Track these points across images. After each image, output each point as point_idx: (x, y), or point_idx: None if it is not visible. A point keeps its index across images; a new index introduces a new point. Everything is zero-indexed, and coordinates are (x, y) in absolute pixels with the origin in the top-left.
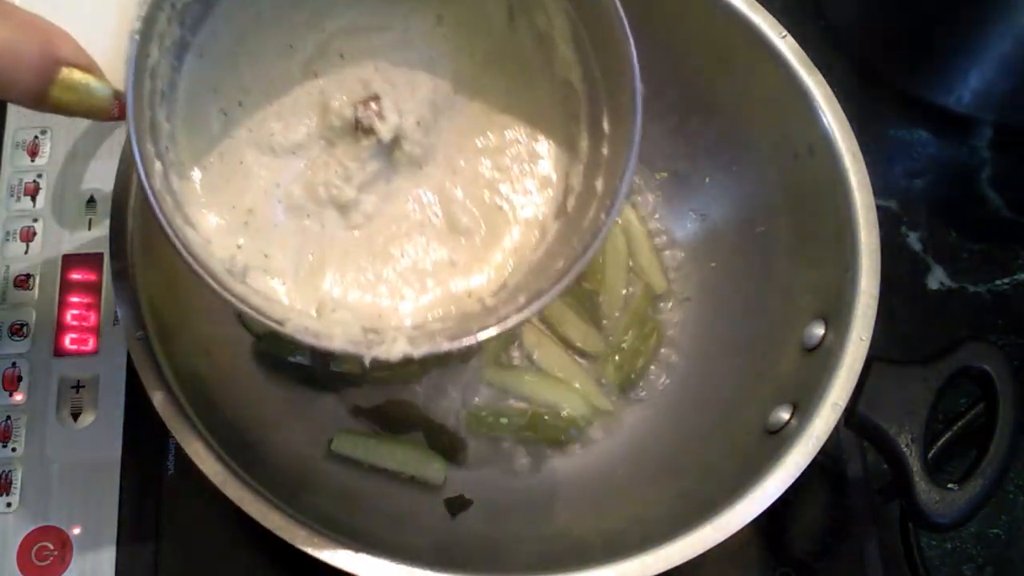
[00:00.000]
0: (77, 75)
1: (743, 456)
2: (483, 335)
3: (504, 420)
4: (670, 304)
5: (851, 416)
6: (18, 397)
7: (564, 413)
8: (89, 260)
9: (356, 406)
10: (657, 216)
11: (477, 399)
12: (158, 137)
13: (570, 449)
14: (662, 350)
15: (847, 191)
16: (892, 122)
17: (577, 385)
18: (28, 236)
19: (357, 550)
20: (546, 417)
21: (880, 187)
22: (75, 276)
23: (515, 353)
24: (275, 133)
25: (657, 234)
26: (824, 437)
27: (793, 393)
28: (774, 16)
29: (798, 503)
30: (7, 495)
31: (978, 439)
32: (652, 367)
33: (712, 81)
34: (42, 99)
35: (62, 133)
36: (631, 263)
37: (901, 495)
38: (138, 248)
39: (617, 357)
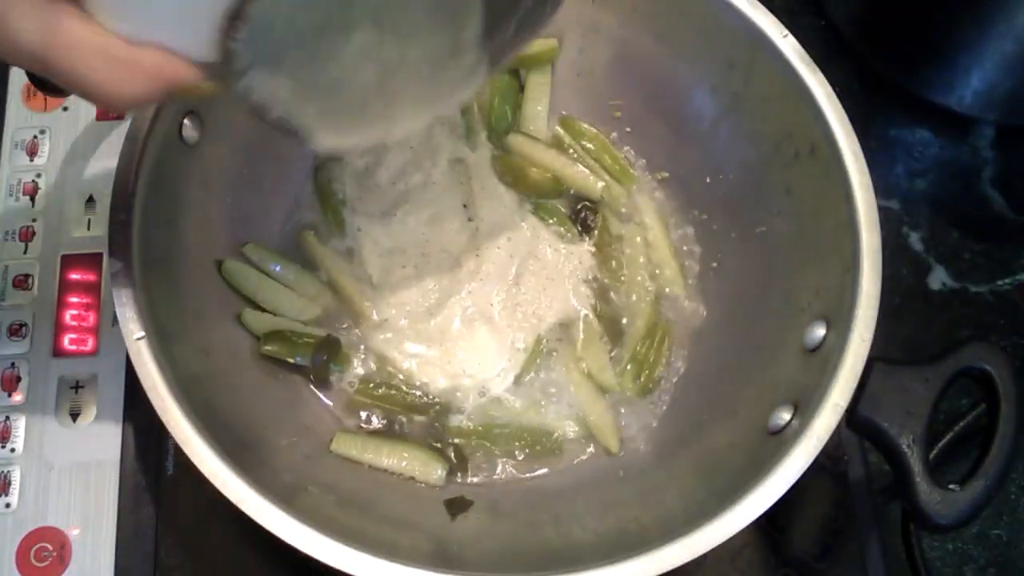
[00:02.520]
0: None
1: (744, 457)
2: None
3: (486, 443)
4: (672, 304)
5: (852, 417)
6: (17, 397)
7: (555, 436)
8: (88, 260)
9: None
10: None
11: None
12: None
13: (570, 452)
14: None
15: (848, 191)
16: (894, 122)
17: (593, 419)
18: (27, 236)
19: (357, 550)
20: (529, 438)
21: (882, 187)
22: (74, 276)
23: (535, 378)
24: None
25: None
26: (825, 438)
27: (794, 394)
28: (775, 16)
29: (799, 504)
30: (6, 495)
31: (980, 440)
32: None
33: (713, 80)
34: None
35: (61, 133)
36: (656, 271)
37: (902, 496)
38: (138, 248)
39: (630, 367)
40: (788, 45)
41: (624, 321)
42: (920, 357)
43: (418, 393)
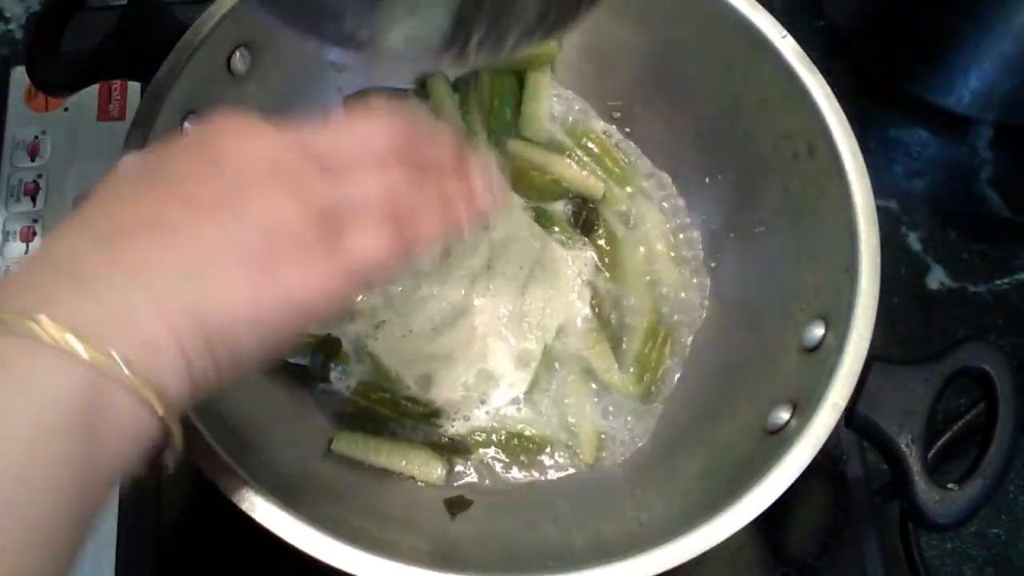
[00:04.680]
0: None
1: (743, 456)
2: None
3: (486, 449)
4: (672, 304)
5: (851, 416)
6: None
7: (555, 443)
8: None
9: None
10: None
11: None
12: None
13: (570, 456)
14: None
15: (847, 191)
16: (892, 122)
17: (579, 425)
18: (28, 236)
19: (357, 550)
20: (529, 446)
21: (880, 187)
22: None
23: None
24: None
25: None
26: (824, 437)
27: (793, 393)
28: (774, 16)
29: (798, 503)
30: None
31: (978, 439)
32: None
33: (712, 81)
34: None
35: (62, 134)
36: (657, 272)
37: (901, 495)
38: None
39: (633, 369)
40: (787, 46)
41: (626, 322)
42: (919, 357)
43: (415, 400)
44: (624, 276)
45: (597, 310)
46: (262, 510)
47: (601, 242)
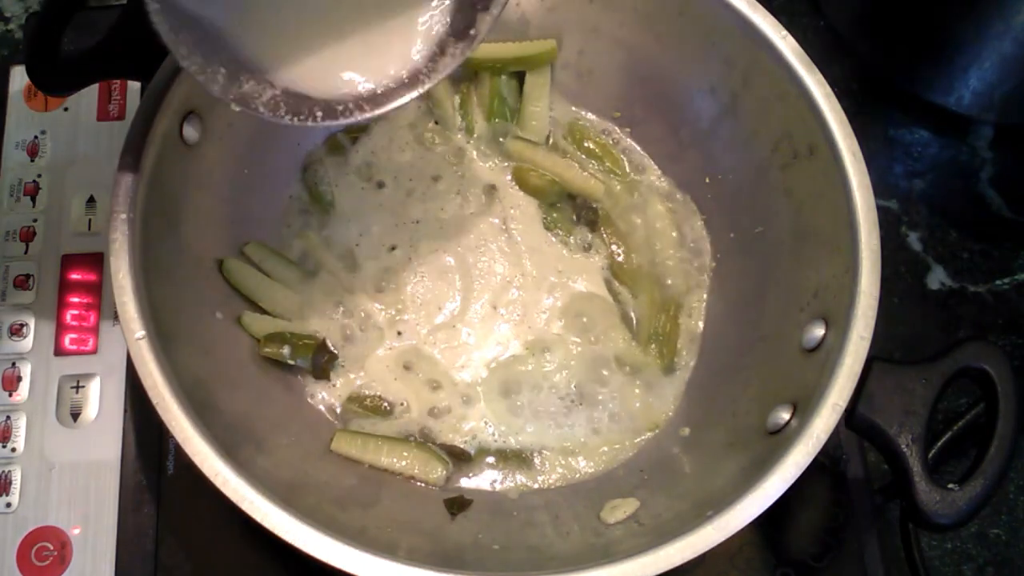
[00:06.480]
0: None
1: (743, 456)
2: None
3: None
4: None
5: (851, 416)
6: (18, 397)
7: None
8: (89, 260)
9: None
10: None
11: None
12: None
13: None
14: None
15: (847, 191)
16: (892, 122)
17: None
18: (28, 236)
19: (357, 549)
20: (521, 454)
21: (880, 187)
22: (75, 276)
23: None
24: None
25: None
26: (824, 437)
27: (793, 393)
28: (774, 15)
29: (798, 503)
30: (7, 495)
31: (978, 439)
32: None
33: (712, 81)
34: None
35: (62, 134)
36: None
37: (901, 495)
38: (138, 248)
39: (654, 347)
40: (787, 45)
41: (633, 314)
42: (919, 357)
43: (404, 406)
44: (632, 272)
45: (607, 304)
46: (262, 510)
47: (604, 242)
